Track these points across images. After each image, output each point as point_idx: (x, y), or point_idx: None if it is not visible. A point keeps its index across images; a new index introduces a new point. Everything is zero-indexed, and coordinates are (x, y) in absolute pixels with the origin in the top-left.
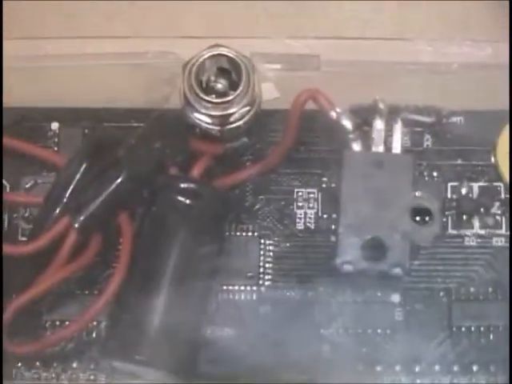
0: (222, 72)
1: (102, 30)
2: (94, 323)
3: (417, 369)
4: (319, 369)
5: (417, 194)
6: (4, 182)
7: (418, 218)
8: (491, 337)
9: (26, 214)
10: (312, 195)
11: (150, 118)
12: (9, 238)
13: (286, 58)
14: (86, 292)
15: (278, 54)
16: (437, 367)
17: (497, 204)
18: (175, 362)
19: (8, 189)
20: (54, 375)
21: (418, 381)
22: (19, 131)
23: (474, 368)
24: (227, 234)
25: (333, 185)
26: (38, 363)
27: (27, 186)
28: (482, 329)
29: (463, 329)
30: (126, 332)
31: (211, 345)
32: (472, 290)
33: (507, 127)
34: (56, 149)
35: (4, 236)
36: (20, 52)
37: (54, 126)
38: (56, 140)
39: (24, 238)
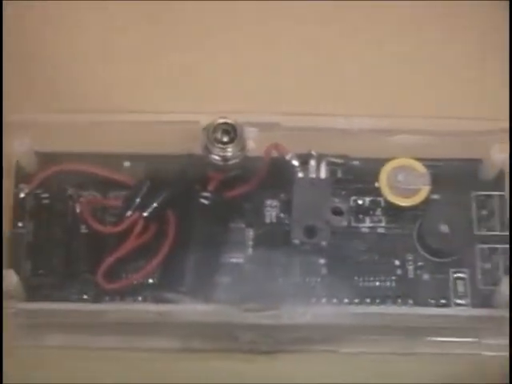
0: (226, 131)
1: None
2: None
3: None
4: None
5: (335, 200)
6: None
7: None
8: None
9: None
10: (275, 203)
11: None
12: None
13: (262, 125)
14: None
15: (256, 122)
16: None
17: (379, 209)
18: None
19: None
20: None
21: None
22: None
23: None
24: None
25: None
26: (118, 297)
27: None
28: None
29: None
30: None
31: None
32: (365, 257)
33: (385, 166)
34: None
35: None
36: None
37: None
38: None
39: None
